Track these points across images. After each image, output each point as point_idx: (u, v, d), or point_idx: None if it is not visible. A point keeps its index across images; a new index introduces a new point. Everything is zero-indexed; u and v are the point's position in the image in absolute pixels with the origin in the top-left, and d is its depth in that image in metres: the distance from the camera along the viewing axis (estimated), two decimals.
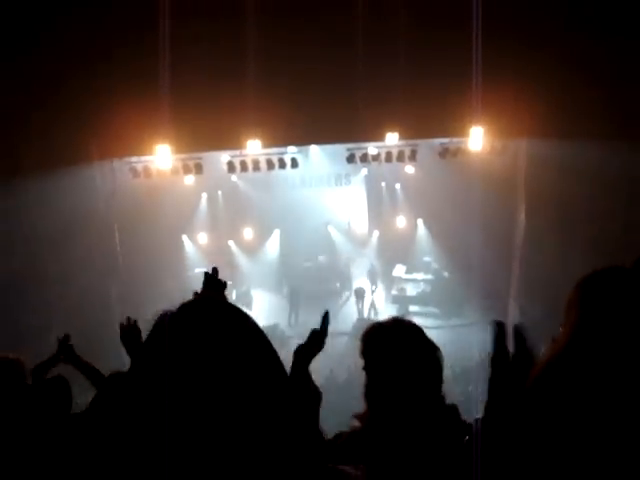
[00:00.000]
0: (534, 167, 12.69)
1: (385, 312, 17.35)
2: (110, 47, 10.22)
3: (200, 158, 13.13)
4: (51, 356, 3.67)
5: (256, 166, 13.39)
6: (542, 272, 12.25)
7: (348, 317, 17.06)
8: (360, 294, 17.59)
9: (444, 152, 13.81)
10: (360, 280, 18.21)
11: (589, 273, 1.83)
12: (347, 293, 18.69)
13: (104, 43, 10.24)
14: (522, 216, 13.75)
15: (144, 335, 1.08)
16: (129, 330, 2.77)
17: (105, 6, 10.06)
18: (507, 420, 1.73)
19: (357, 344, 2.39)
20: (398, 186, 19.33)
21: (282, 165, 13.62)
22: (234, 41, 10.14)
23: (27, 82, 10.24)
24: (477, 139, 12.52)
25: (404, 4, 10.11)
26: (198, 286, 2.48)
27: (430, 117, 11.46)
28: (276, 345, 1.10)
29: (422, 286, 18.15)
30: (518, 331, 1.92)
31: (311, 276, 18.41)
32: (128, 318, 2.82)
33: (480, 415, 1.96)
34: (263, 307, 16.91)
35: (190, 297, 1.23)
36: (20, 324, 10.68)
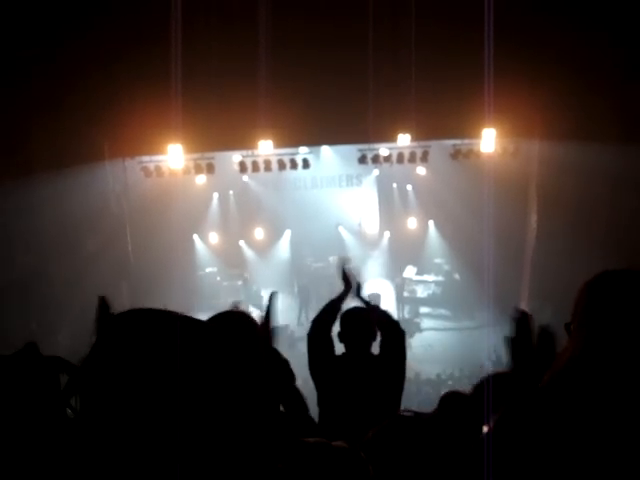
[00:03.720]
0: (546, 169, 12.62)
1: (395, 314, 17.29)
2: (123, 47, 10.26)
3: (212, 158, 13.16)
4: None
5: (268, 166, 13.39)
6: (554, 275, 12.17)
7: None
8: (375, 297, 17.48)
9: (456, 153, 13.76)
10: (371, 282, 18.13)
11: (596, 275, 1.80)
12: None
13: (117, 43, 10.29)
14: (534, 218, 13.68)
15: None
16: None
17: (118, 7, 10.11)
18: (518, 427, 1.71)
19: None
20: (409, 187, 19.24)
21: (294, 165, 13.62)
22: (246, 41, 10.15)
23: (40, 81, 10.31)
24: (489, 141, 12.47)
25: (416, 6, 10.10)
26: (209, 285, 2.44)
27: (442, 118, 11.43)
28: (285, 346, 1.09)
29: (433, 288, 18.07)
30: (545, 332, 1.81)
31: (322, 277, 18.36)
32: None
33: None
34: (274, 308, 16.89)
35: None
36: (31, 323, 10.75)
